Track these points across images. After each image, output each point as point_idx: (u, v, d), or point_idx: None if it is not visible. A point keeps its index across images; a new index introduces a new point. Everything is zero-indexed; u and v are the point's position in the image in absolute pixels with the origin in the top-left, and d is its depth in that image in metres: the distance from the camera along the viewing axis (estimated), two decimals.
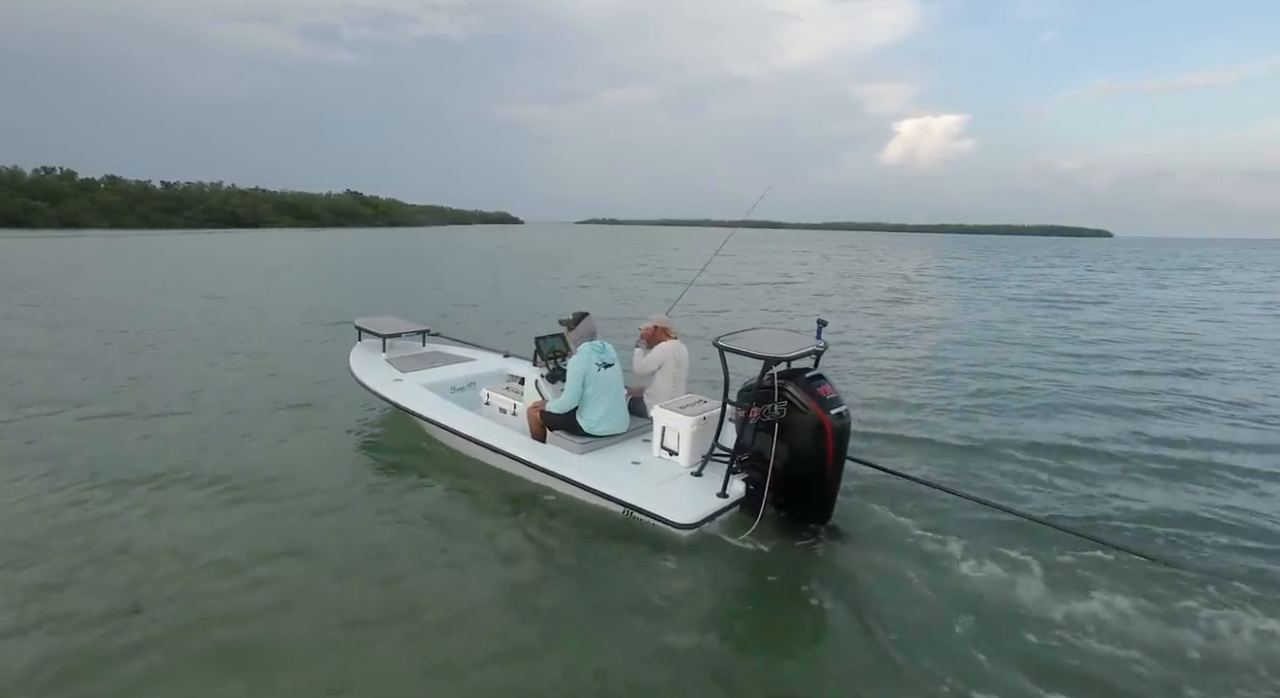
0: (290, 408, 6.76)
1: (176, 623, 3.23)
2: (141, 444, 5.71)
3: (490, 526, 4.32)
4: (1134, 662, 3.08)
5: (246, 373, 8.40)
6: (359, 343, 6.88)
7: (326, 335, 10.95)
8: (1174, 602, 3.54)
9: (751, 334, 4.42)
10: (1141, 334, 13.05)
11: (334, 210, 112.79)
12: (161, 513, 4.41)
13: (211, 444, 5.68)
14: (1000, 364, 9.80)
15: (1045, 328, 13.71)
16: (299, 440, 5.89)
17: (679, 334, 5.45)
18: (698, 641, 3.23)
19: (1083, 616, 3.41)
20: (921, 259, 43.99)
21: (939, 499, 4.65)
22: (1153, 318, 15.71)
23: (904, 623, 3.34)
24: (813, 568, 3.88)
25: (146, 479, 4.88)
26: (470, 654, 3.08)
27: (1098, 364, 9.99)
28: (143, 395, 7.18)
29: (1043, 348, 11.27)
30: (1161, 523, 4.52)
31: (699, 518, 3.95)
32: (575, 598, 3.63)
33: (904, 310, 16.35)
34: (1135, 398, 7.95)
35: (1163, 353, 10.97)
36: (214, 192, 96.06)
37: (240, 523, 4.28)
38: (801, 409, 4.03)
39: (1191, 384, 8.78)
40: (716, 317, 14.14)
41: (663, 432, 4.63)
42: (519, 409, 5.45)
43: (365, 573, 3.73)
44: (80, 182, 79.43)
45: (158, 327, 11.71)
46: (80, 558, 3.82)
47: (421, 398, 5.54)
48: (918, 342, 11.74)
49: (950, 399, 7.70)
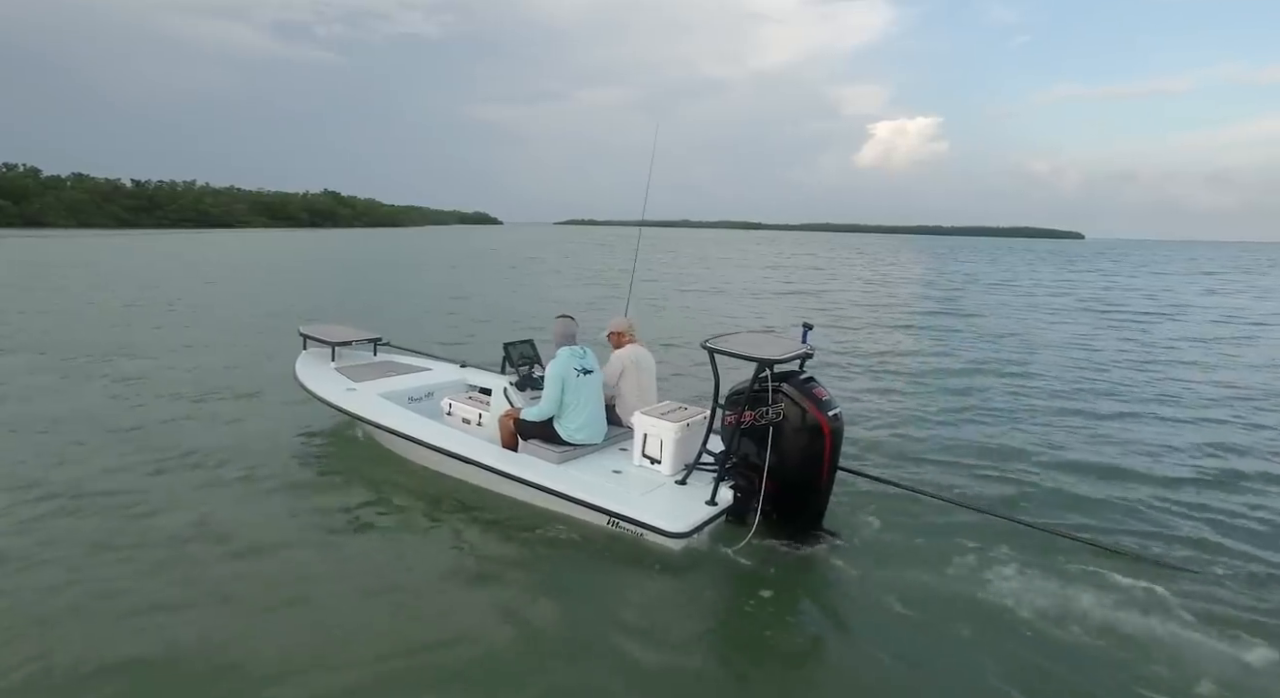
0: (223, 425, 6.24)
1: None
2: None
3: (460, 541, 4.11)
4: (1129, 666, 3.03)
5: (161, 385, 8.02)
6: (304, 351, 6.55)
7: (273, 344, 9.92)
8: (1169, 601, 3.52)
9: (738, 337, 4.29)
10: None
11: (312, 210, 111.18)
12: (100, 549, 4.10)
13: (128, 465, 5.16)
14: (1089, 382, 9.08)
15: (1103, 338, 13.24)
16: (231, 466, 5.19)
17: (635, 338, 5.29)
18: (695, 656, 3.13)
19: (1082, 620, 3.36)
20: (932, 262, 43.51)
21: (928, 505, 4.57)
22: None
23: (905, 631, 3.29)
24: (808, 576, 3.79)
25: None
26: (450, 681, 2.89)
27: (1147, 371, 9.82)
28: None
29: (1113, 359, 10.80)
30: (1160, 525, 4.52)
31: (691, 527, 3.81)
32: (560, 615, 3.45)
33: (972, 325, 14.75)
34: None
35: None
36: (187, 190, 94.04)
37: (184, 556, 3.83)
38: (799, 411, 3.93)
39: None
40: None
41: (644, 439, 4.48)
42: (484, 419, 5.26)
43: (322, 600, 3.44)
44: (45, 179, 77.29)
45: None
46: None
47: (380, 408, 5.25)
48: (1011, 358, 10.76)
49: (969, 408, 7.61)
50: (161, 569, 3.68)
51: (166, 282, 19.85)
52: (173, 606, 3.34)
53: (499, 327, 12.28)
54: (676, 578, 3.72)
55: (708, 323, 13.68)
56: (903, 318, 15.54)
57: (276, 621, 3.26)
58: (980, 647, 3.16)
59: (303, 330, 6.69)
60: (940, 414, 7.19)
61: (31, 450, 5.44)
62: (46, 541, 3.96)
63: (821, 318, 14.35)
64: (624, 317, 5.38)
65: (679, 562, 3.83)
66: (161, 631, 3.14)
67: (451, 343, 10.09)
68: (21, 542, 3.93)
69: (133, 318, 12.80)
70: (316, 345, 6.56)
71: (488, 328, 12.36)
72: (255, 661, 2.95)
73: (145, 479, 4.91)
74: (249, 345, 10.16)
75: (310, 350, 6.57)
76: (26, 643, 3.03)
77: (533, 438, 4.64)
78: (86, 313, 13.40)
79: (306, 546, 4.01)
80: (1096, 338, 13.08)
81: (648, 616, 3.41)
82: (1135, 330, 14.23)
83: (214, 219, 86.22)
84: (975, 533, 4.22)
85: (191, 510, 4.38)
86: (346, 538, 4.14)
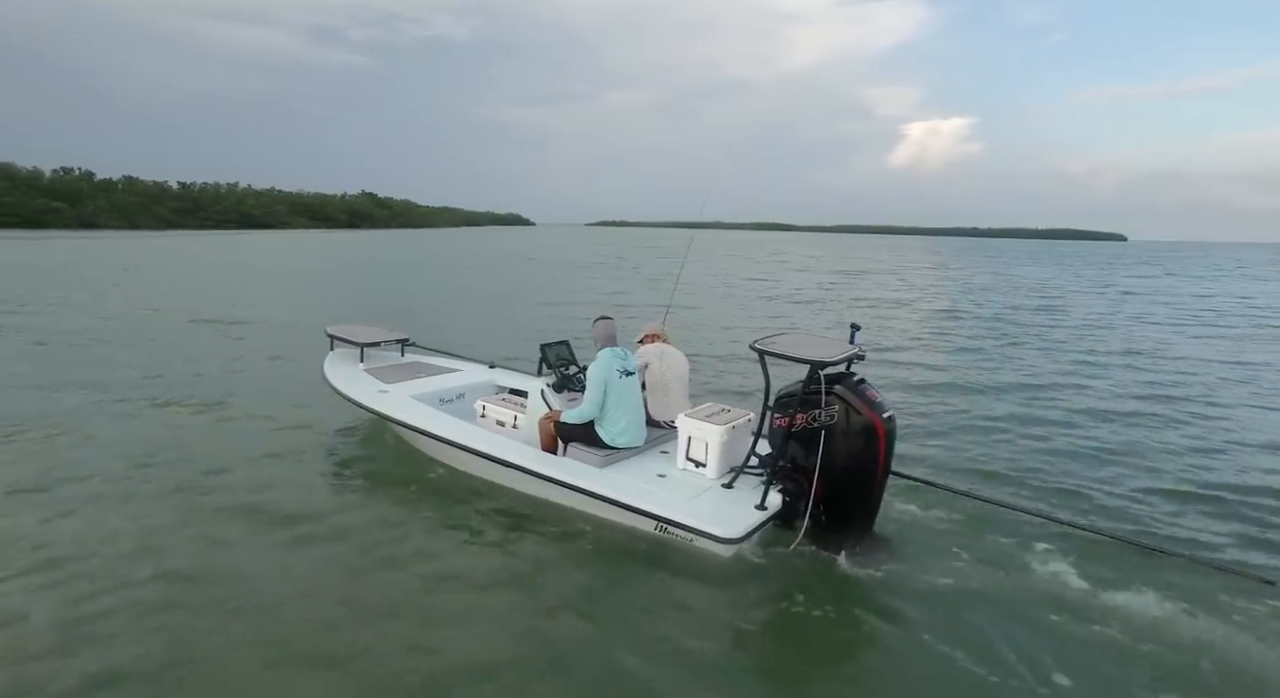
0: (265, 430, 6.14)
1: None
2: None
3: (503, 548, 4.05)
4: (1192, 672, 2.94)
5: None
6: (331, 352, 6.49)
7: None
8: (1219, 604, 3.44)
9: (786, 338, 4.18)
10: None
11: (350, 211, 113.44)
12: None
13: (191, 460, 5.20)
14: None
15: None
16: (275, 463, 5.28)
17: (666, 338, 5.31)
18: (749, 662, 3.12)
19: (1152, 629, 3.26)
20: (998, 266, 41.19)
21: (987, 512, 4.46)
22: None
23: (965, 634, 3.22)
24: (858, 581, 3.70)
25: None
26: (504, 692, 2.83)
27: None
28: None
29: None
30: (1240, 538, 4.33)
31: (744, 532, 3.72)
32: (612, 623, 3.38)
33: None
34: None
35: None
36: (230, 192, 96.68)
37: (237, 556, 3.84)
38: (853, 413, 3.83)
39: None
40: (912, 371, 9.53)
41: (688, 442, 4.39)
42: (519, 421, 5.20)
43: (366, 604, 3.40)
44: (98, 182, 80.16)
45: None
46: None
47: (414, 411, 5.19)
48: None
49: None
50: (189, 571, 3.70)
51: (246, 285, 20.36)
52: (203, 611, 3.34)
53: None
54: (726, 583, 3.66)
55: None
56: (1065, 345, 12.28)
57: (325, 631, 3.21)
58: (1046, 657, 3.04)
59: (330, 331, 6.60)
60: (1043, 428, 6.85)
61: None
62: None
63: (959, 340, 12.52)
64: (659, 322, 5.39)
65: (728, 567, 3.76)
66: (196, 632, 3.16)
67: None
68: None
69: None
70: (344, 346, 6.49)
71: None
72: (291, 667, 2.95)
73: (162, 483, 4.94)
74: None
75: (337, 351, 6.51)
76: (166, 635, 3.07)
77: (574, 441, 4.58)
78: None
79: (351, 552, 3.94)
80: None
81: (699, 620, 3.35)
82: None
83: (256, 220, 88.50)
84: (1038, 538, 4.15)
85: (219, 530, 4.15)
86: (388, 544, 4.04)
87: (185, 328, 11.76)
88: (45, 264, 25.32)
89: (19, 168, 71.88)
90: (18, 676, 2.80)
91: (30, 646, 2.99)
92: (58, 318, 12.35)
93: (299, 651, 3.04)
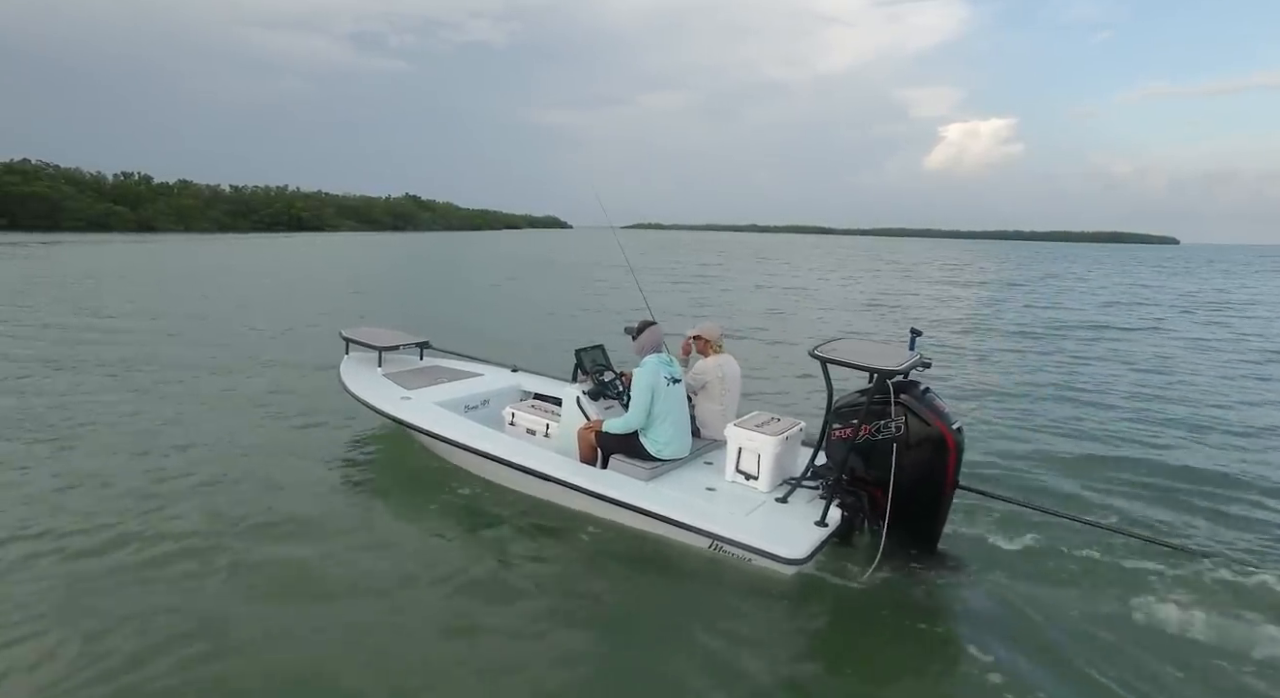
0: (278, 431, 6.03)
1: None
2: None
3: (543, 566, 3.81)
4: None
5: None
6: (347, 356, 6.15)
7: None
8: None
9: (845, 344, 3.88)
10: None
11: (394, 214, 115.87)
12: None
13: (192, 477, 4.89)
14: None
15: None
16: (291, 473, 5.03)
17: (722, 347, 4.90)
18: (817, 687, 2.93)
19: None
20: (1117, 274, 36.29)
21: (1058, 527, 4.17)
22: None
23: (1051, 663, 3.02)
24: (930, 604, 3.45)
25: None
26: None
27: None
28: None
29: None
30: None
31: (808, 552, 3.47)
32: (666, 649, 3.15)
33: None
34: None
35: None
36: (279, 194, 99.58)
37: (270, 578, 3.61)
38: (921, 424, 3.60)
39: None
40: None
41: (739, 453, 4.14)
42: (552, 430, 4.95)
43: (402, 625, 3.20)
44: (156, 185, 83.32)
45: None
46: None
47: (440, 419, 4.90)
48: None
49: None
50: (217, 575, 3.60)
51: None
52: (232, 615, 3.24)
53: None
54: (787, 605, 3.43)
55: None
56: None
57: (353, 645, 3.06)
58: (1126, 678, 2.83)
59: (345, 334, 6.20)
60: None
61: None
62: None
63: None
64: (714, 321, 5.04)
65: (789, 587, 3.52)
66: (224, 635, 3.07)
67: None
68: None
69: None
70: (360, 350, 6.16)
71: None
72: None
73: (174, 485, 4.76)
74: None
75: (353, 354, 6.18)
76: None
77: (616, 452, 4.33)
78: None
79: (383, 570, 3.71)
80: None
81: (760, 645, 3.15)
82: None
83: (305, 222, 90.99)
84: (1114, 554, 3.91)
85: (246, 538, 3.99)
86: (425, 561, 3.81)
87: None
88: (143, 267, 26.05)
89: (84, 173, 75.32)
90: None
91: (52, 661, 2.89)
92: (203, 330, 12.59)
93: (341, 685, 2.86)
